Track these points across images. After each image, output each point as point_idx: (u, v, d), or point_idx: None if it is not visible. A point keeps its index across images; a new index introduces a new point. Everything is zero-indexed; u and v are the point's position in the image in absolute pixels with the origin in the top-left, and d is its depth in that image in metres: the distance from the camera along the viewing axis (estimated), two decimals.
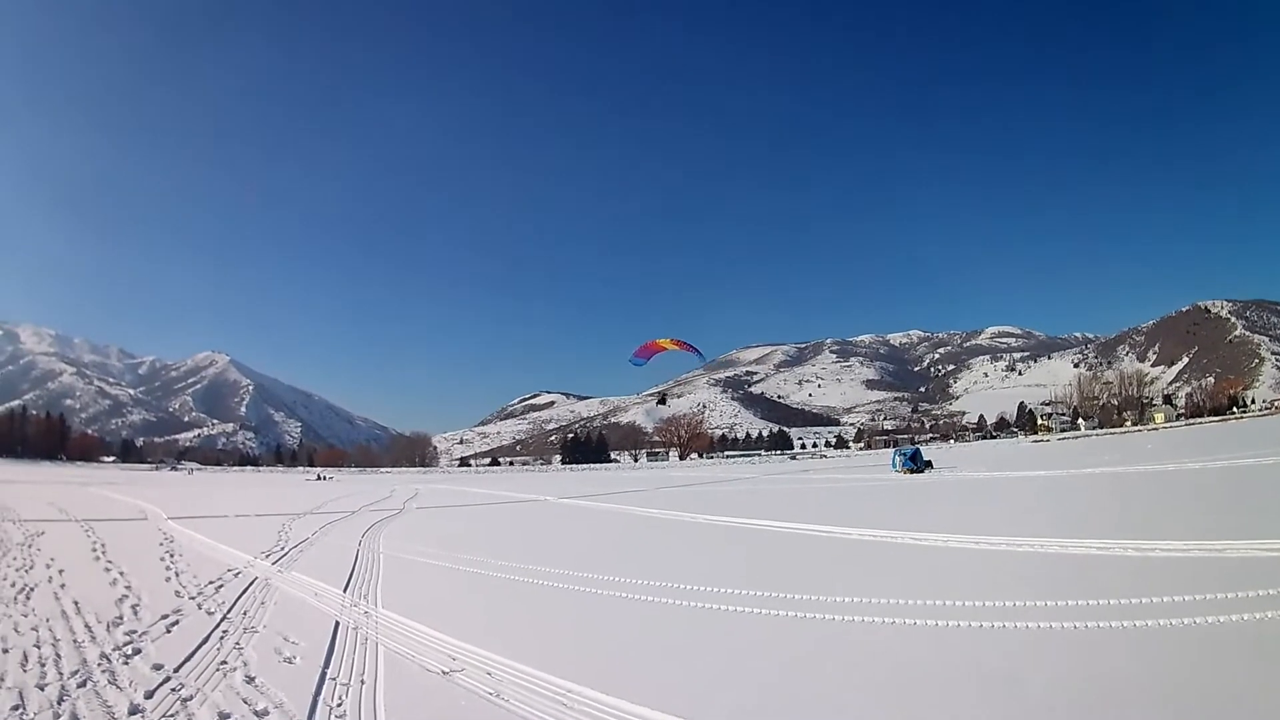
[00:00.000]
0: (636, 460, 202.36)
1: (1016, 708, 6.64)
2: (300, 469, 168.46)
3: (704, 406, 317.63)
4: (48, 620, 11.04)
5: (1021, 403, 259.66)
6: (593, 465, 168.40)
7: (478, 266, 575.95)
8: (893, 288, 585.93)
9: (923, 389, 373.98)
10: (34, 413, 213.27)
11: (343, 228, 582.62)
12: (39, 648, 9.59)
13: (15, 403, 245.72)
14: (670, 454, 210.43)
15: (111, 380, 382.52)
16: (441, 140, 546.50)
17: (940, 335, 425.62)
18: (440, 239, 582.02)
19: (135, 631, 10.37)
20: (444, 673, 8.39)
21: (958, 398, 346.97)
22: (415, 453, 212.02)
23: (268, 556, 17.71)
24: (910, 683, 7.48)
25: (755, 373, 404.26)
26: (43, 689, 8.00)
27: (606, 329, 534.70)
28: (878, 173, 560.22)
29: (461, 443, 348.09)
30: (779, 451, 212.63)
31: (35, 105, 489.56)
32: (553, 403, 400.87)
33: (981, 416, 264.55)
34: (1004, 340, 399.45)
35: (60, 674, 8.48)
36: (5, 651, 9.40)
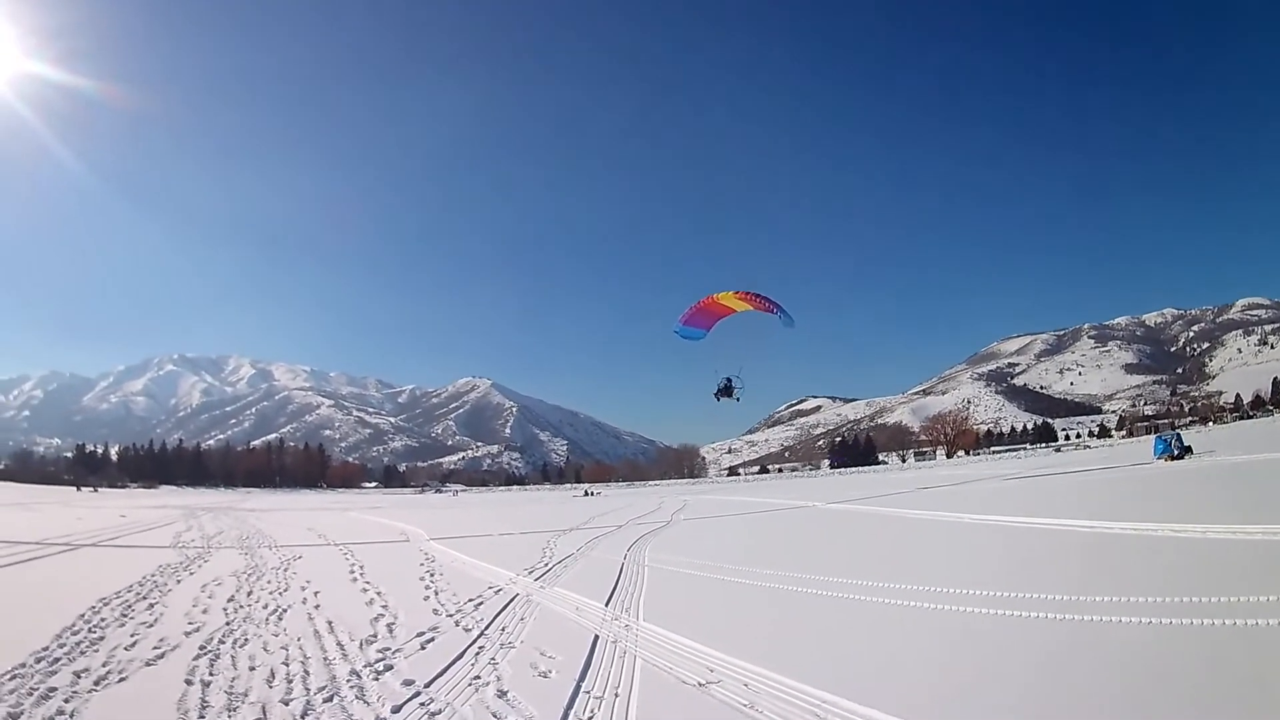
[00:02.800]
0: (904, 461, 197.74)
1: None
2: (567, 486, 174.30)
3: (968, 402, 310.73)
4: (299, 639, 11.43)
5: (1276, 378, 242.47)
6: (860, 468, 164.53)
7: (749, 274, 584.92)
8: (1139, 259, 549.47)
9: (1179, 370, 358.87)
10: (291, 444, 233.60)
11: (604, 251, 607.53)
12: (287, 665, 9.89)
13: (273, 436, 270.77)
14: (937, 453, 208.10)
15: (371, 410, 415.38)
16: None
17: (1193, 311, 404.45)
18: (699, 255, 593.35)
19: (389, 649, 10.65)
20: (700, 684, 8.47)
21: (1214, 377, 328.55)
22: (684, 464, 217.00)
23: (530, 573, 18.03)
24: (1170, 692, 7.08)
25: (1017, 364, 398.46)
26: (287, 704, 8.20)
27: (867, 330, 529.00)
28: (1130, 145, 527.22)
29: (730, 451, 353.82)
30: (1043, 445, 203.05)
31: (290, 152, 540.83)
32: (819, 407, 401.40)
33: (1238, 395, 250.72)
34: (1254, 313, 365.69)
35: (307, 690, 8.69)
36: (252, 669, 9.70)
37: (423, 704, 8.03)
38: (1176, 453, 47.05)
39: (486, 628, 11.90)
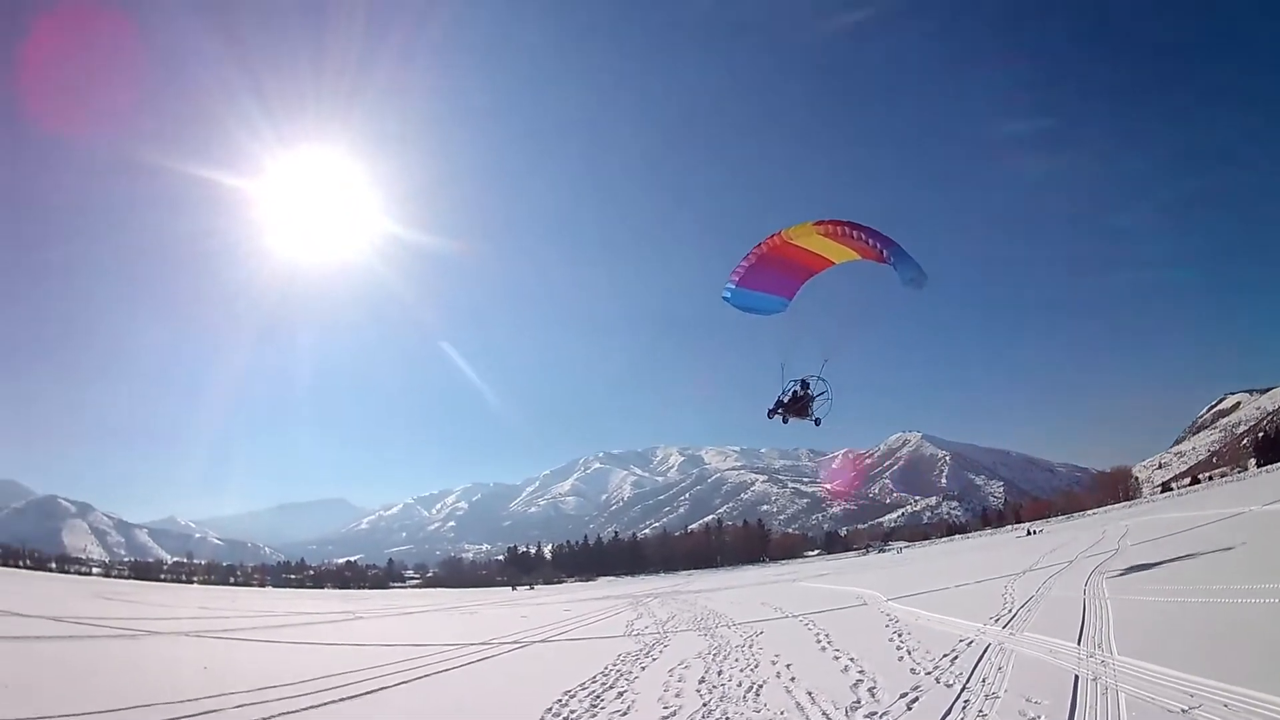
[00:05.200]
0: None
1: None
2: (1008, 527, 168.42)
3: None
4: (782, 713, 11.53)
5: None
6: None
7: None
8: None
9: None
10: (729, 522, 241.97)
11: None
12: None
13: (709, 517, 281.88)
14: None
15: (805, 480, 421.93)
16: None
17: None
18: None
19: (875, 713, 10.73)
20: (1183, 711, 8.63)
21: None
22: (1117, 487, 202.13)
23: (996, 620, 17.83)
24: None
25: None
26: None
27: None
28: None
29: (1160, 467, 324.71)
30: None
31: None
32: (1238, 404, 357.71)
33: None
34: None
35: None
36: None
37: None
38: None
39: (968, 680, 11.93)
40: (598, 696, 14.39)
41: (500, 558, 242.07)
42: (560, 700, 14.07)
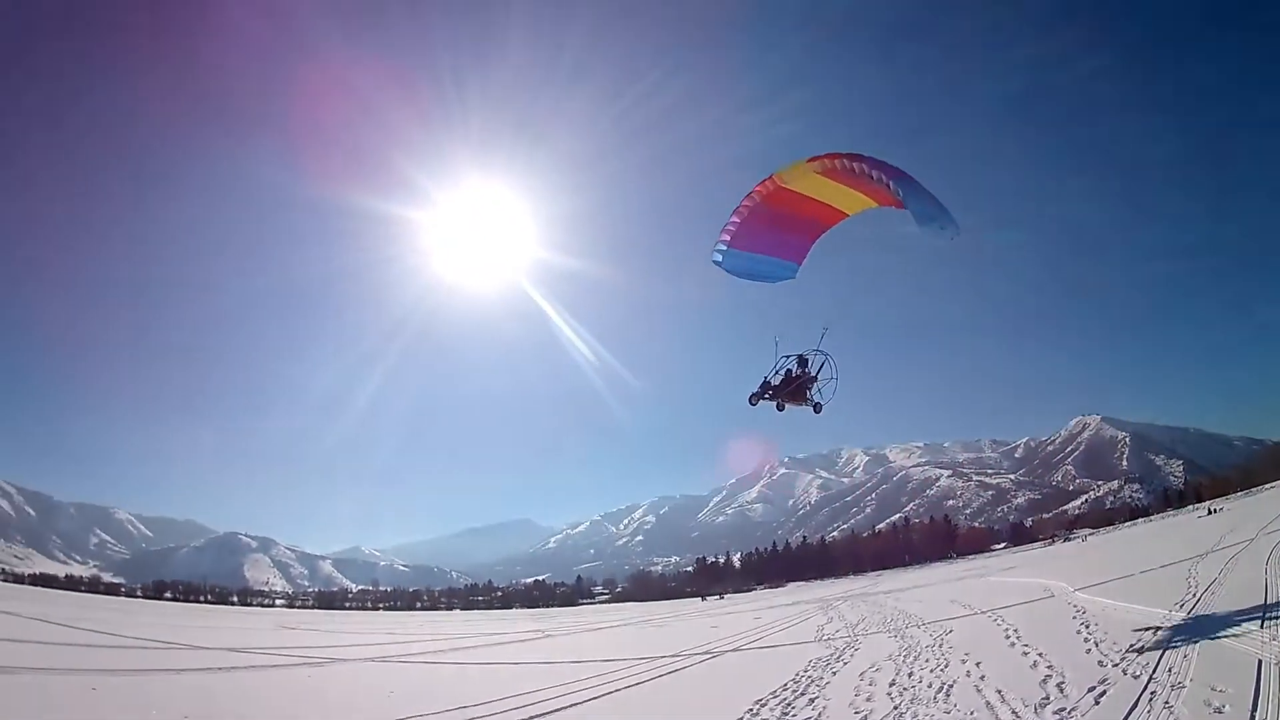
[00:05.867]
0: None
1: None
2: (1189, 508, 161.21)
3: None
4: (972, 713, 11.79)
5: None
6: None
7: None
8: None
9: None
10: (916, 520, 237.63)
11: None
12: None
13: (896, 516, 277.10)
14: None
15: (990, 471, 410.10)
16: None
17: None
18: None
19: (1064, 709, 10.86)
20: None
21: None
22: None
23: (1180, 606, 17.66)
24: None
25: None
26: None
27: None
28: None
29: None
30: None
31: None
32: None
33: None
34: None
35: None
36: None
37: None
38: None
39: (1154, 671, 11.88)
40: (789, 704, 14.74)
41: (689, 569, 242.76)
42: (751, 710, 14.45)
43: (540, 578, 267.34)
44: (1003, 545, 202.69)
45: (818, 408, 17.43)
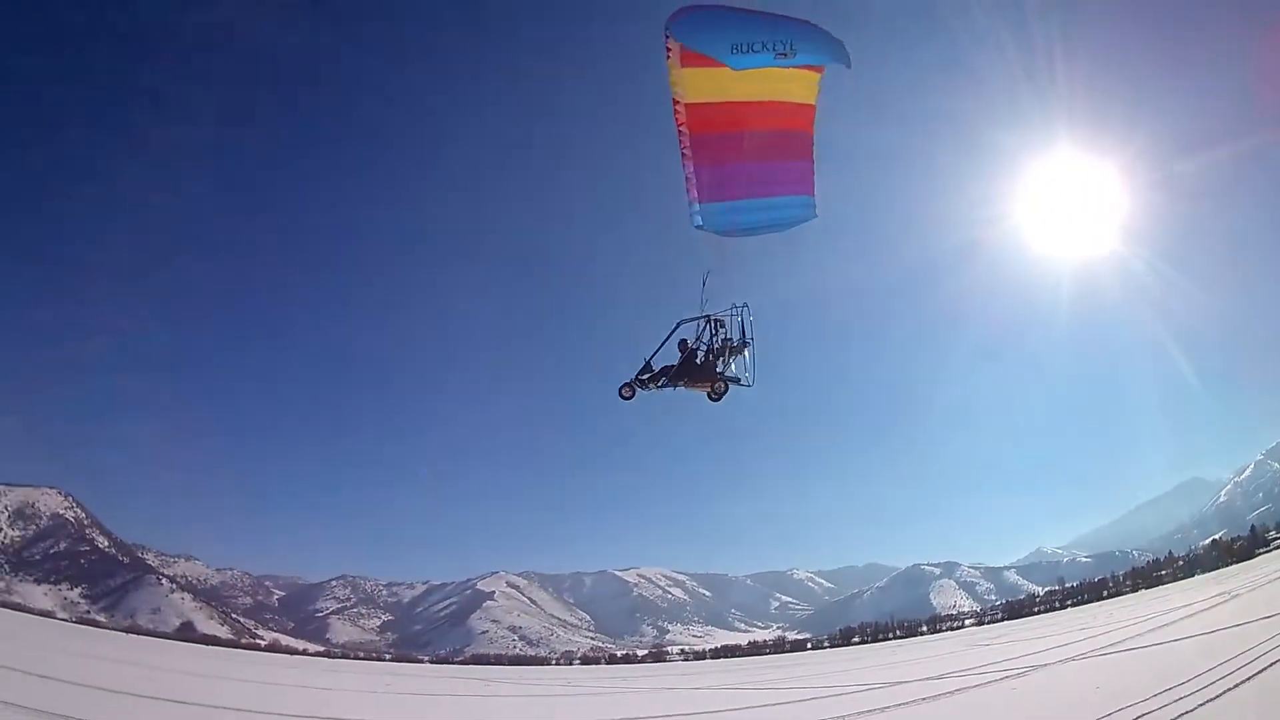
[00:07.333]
0: None
1: None
2: None
3: None
4: None
5: None
6: None
7: None
8: None
9: None
10: None
11: None
12: None
13: None
14: None
15: None
16: None
17: None
18: None
19: None
20: None
21: None
22: None
23: None
24: None
25: None
26: None
27: None
28: None
29: None
30: None
31: None
32: None
33: None
34: None
35: None
36: None
37: None
38: None
39: None
40: None
41: None
42: None
43: (1215, 536, 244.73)
44: None
45: (747, 382, 14.41)
